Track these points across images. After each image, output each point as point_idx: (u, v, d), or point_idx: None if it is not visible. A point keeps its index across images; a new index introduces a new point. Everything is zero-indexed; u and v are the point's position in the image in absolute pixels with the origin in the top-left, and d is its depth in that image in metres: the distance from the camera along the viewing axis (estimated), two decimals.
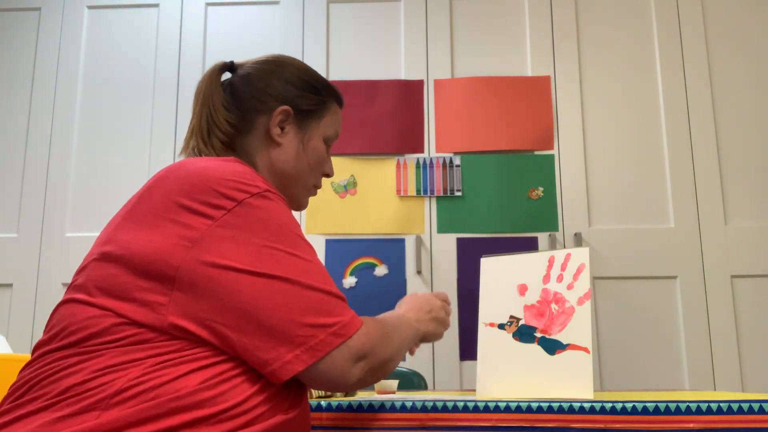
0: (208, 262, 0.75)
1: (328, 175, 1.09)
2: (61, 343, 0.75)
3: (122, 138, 2.53)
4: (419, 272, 2.35)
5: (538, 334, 1.12)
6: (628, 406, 0.98)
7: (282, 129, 1.00)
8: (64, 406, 0.70)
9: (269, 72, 1.02)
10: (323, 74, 2.53)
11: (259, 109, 1.00)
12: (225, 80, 1.04)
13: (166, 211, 0.78)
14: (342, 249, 2.39)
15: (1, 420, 0.72)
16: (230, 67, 1.05)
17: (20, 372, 0.78)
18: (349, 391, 0.89)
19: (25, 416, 0.70)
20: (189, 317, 0.75)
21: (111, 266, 0.77)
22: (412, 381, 1.92)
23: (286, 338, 0.76)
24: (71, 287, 0.81)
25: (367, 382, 0.87)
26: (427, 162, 2.42)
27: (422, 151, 2.45)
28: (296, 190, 1.03)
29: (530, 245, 2.34)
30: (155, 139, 2.52)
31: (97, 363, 0.72)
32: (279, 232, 0.80)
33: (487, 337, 1.16)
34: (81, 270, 0.81)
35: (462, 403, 1.02)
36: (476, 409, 1.02)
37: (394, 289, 2.34)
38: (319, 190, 2.45)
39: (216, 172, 0.80)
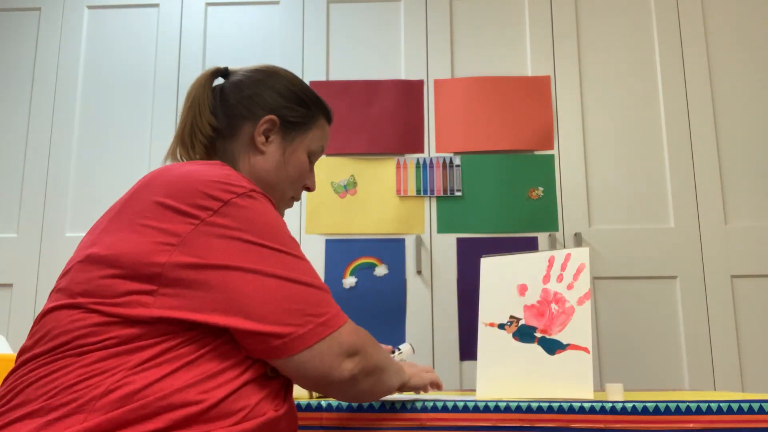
0: (192, 264, 0.76)
1: (309, 189, 1.10)
2: (44, 348, 0.75)
3: (122, 138, 2.53)
4: (419, 272, 2.34)
5: (538, 334, 1.12)
6: (628, 406, 0.98)
7: (267, 138, 1.01)
8: (50, 410, 0.69)
9: (259, 81, 1.03)
10: (323, 74, 2.54)
11: (246, 115, 1.01)
12: (217, 85, 1.05)
13: (151, 214, 0.78)
14: (342, 249, 2.39)
15: None
16: (224, 72, 1.06)
17: (4, 380, 0.78)
18: (349, 394, 0.89)
19: (10, 423, 0.70)
20: (176, 309, 0.75)
21: (95, 267, 0.77)
22: None
23: (274, 328, 0.78)
24: (53, 291, 0.81)
25: (362, 385, 0.88)
26: (427, 162, 2.42)
27: (422, 151, 2.45)
28: (274, 200, 1.01)
29: (530, 245, 2.34)
30: (155, 139, 2.51)
31: (81, 366, 0.72)
32: (265, 230, 0.81)
33: (487, 337, 1.16)
34: (64, 274, 0.81)
35: (462, 403, 1.02)
36: (476, 409, 1.02)
37: (394, 289, 2.34)
38: (319, 190, 2.45)
39: (202, 174, 0.82)
